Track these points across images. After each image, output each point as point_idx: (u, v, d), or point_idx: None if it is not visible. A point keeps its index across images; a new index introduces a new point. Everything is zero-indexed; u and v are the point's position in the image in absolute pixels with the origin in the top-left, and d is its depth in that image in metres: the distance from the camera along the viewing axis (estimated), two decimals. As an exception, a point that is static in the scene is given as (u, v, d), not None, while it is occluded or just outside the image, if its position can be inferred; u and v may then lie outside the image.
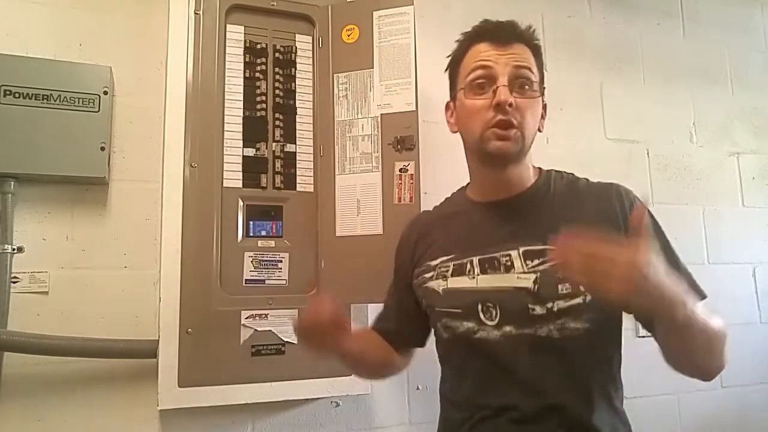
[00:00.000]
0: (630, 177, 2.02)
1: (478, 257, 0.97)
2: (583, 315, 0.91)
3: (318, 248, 1.39)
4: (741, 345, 2.06)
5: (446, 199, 1.15)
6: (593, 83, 2.02)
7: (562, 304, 0.91)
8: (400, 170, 1.35)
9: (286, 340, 1.33)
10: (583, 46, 2.02)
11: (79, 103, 1.32)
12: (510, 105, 0.93)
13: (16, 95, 1.27)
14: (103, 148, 1.33)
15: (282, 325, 1.33)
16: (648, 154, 2.07)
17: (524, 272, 0.93)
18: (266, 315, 1.32)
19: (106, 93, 1.35)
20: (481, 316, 0.94)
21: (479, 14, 1.84)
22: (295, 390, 1.34)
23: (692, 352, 0.85)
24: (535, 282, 0.92)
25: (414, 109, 1.36)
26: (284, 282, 1.36)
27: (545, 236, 0.92)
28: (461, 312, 0.97)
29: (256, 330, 1.31)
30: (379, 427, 1.56)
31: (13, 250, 1.31)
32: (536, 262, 0.93)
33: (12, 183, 1.30)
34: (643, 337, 2.04)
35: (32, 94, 1.28)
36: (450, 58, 1.06)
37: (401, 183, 1.34)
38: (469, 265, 0.98)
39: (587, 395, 0.92)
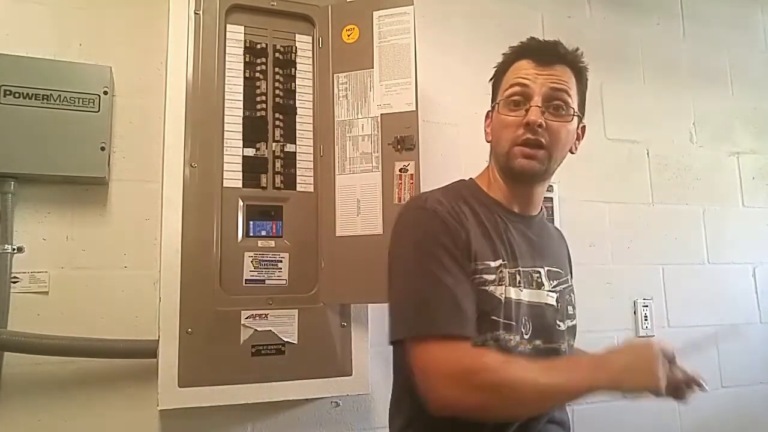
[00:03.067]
0: (630, 177, 2.03)
1: (521, 269, 0.95)
2: (575, 335, 1.03)
3: (318, 248, 1.39)
4: (741, 345, 2.06)
5: (453, 187, 1.03)
6: (593, 83, 1.99)
7: (570, 323, 1.01)
8: (400, 170, 1.35)
9: (286, 340, 1.33)
10: (583, 46, 2.01)
11: (79, 103, 1.32)
12: (540, 126, 0.93)
13: (16, 95, 1.27)
14: (103, 148, 1.33)
15: (282, 325, 1.33)
16: (648, 154, 2.07)
17: (550, 290, 0.99)
18: (266, 315, 1.32)
19: (106, 93, 1.35)
20: (521, 329, 0.92)
21: (480, 15, 1.86)
22: (295, 390, 1.34)
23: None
24: (557, 301, 0.99)
25: (414, 109, 1.36)
26: (284, 282, 1.36)
27: (556, 259, 1.04)
28: (514, 325, 0.90)
29: (256, 330, 1.31)
30: (379, 427, 1.56)
31: (13, 250, 1.31)
32: (554, 282, 1.00)
33: (12, 183, 1.30)
34: (643, 337, 2.05)
35: (32, 94, 1.28)
36: (495, 69, 1.07)
37: (401, 183, 1.34)
38: (518, 276, 0.94)
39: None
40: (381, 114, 1.38)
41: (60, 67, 1.33)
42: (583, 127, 1.04)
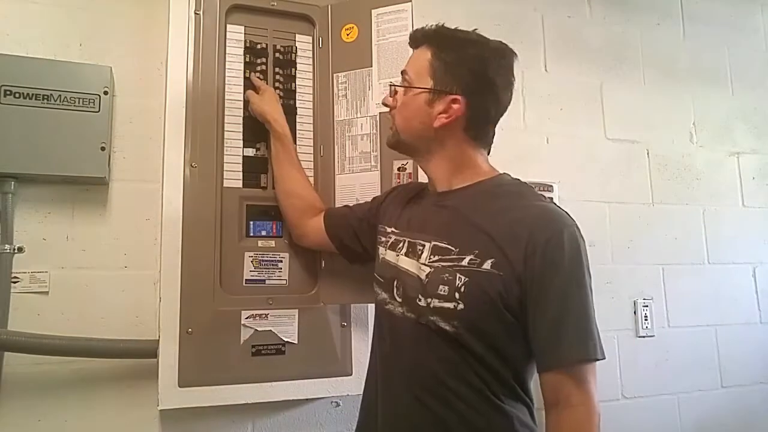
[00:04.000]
0: (630, 177, 2.03)
1: (408, 239, 1.07)
2: (452, 320, 0.95)
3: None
4: (741, 345, 2.07)
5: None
6: (593, 83, 2.02)
7: (437, 303, 0.97)
8: (399, 169, 1.35)
9: (286, 340, 1.33)
10: (583, 46, 2.02)
11: (79, 103, 1.32)
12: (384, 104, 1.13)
13: (16, 95, 1.28)
14: (103, 148, 1.34)
15: (282, 325, 1.33)
16: (648, 154, 2.07)
17: (425, 264, 1.00)
18: (266, 315, 1.32)
19: (106, 93, 1.35)
20: (394, 291, 1.05)
21: (479, 14, 1.86)
22: (295, 390, 1.34)
23: None
24: (427, 276, 0.99)
25: (413, 108, 1.36)
26: (284, 282, 1.36)
27: (451, 236, 0.99)
28: (383, 283, 1.09)
29: (256, 330, 1.31)
30: (379, 427, 1.56)
31: (14, 250, 1.31)
32: (436, 257, 0.99)
33: (12, 183, 1.31)
34: (643, 337, 2.05)
35: (32, 94, 1.28)
36: None
37: (399, 181, 1.34)
38: (400, 243, 1.08)
39: (444, 390, 0.96)
40: (380, 113, 1.38)
41: (60, 67, 1.34)
42: (453, 99, 1.01)
